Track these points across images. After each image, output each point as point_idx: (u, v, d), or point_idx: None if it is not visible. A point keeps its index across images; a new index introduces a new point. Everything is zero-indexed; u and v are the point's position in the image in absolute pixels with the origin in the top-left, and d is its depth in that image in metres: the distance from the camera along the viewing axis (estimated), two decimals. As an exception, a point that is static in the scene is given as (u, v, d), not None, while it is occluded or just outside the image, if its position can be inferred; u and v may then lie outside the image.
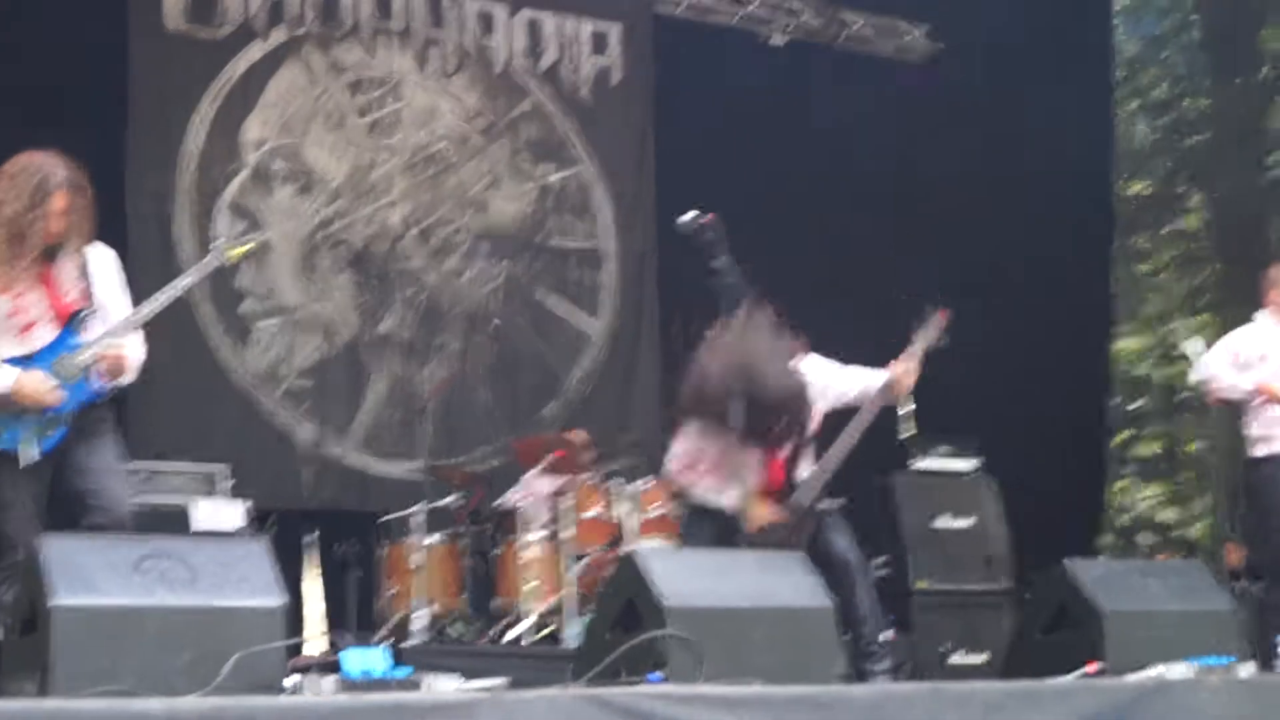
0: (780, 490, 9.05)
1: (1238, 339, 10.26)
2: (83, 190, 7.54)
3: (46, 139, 12.88)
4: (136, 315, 7.53)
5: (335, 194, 15.11)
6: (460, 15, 15.91)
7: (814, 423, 9.20)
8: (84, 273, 7.51)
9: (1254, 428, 9.84)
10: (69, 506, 7.44)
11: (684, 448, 9.17)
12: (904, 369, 9.10)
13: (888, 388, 9.12)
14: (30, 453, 7.16)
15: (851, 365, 9.41)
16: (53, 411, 7.20)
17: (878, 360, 9.58)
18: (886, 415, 9.32)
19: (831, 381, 9.24)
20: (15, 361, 7.23)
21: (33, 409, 7.15)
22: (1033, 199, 17.58)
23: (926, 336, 9.25)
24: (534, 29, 16.35)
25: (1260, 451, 9.80)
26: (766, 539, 8.68)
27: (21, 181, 7.29)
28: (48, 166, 7.44)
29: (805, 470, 9.12)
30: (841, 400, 9.29)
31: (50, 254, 7.40)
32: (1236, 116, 28.82)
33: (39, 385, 7.14)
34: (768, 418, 8.27)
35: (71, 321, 7.41)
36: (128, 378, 7.59)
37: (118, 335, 7.38)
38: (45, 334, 7.33)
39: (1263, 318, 10.14)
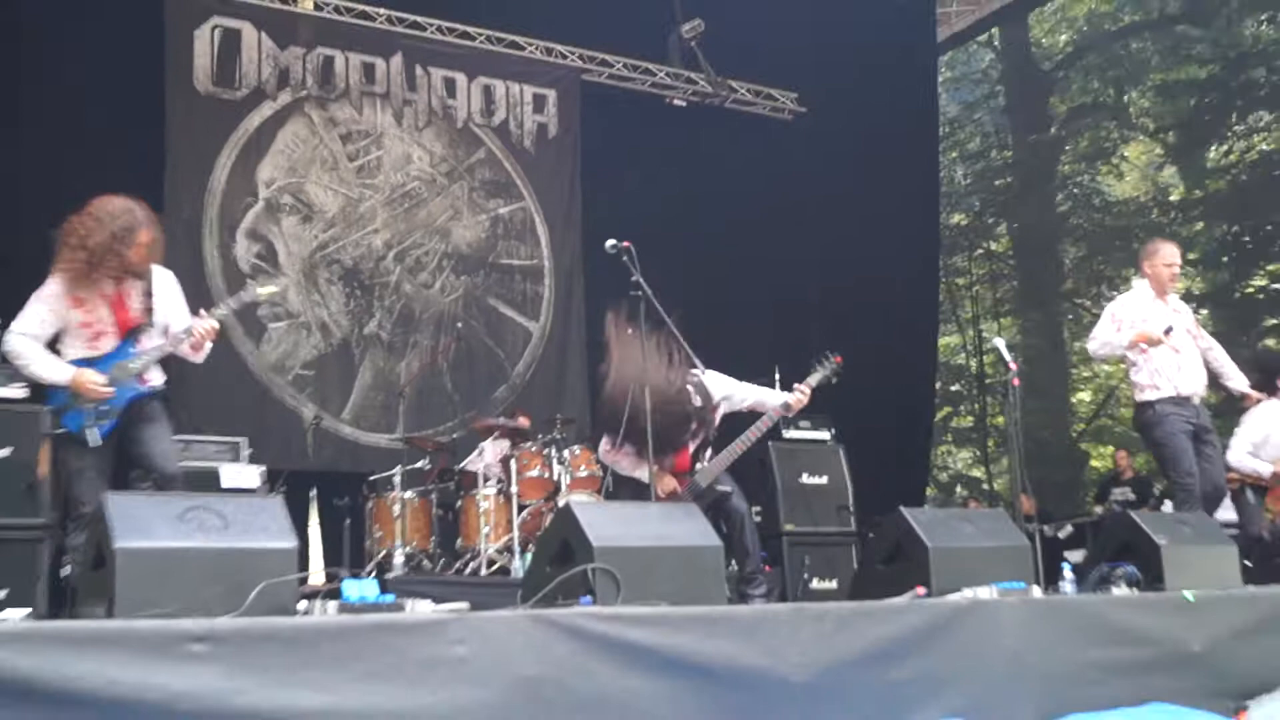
0: (685, 471, 9.16)
1: (1117, 307, 10.06)
2: (157, 228, 7.59)
3: (103, 176, 12.87)
4: (189, 327, 7.62)
5: (330, 223, 15.11)
6: (430, 81, 15.98)
7: (714, 421, 9.31)
8: (149, 293, 7.59)
9: (1141, 376, 9.77)
10: (135, 469, 7.72)
11: (608, 439, 9.28)
12: (800, 396, 9.21)
13: (785, 406, 9.25)
14: (94, 435, 7.29)
15: (746, 382, 9.52)
16: (107, 405, 7.30)
17: (755, 365, 9.67)
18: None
19: (731, 392, 9.38)
20: (81, 363, 7.35)
21: (88, 401, 7.19)
22: (877, 226, 17.64)
23: (822, 374, 9.35)
24: (488, 92, 16.38)
25: (1147, 396, 9.72)
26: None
27: (107, 220, 7.34)
28: (132, 208, 7.52)
29: (709, 458, 9.23)
30: (737, 407, 9.42)
31: (123, 277, 7.43)
32: (1033, 165, 29.05)
33: (93, 381, 7.22)
34: (644, 425, 8.31)
35: (131, 334, 7.48)
36: (200, 357, 7.84)
37: (177, 344, 7.61)
38: (108, 343, 7.45)
39: (1140, 285, 10.01)
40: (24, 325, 7.38)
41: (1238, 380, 10.37)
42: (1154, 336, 9.53)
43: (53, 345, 7.50)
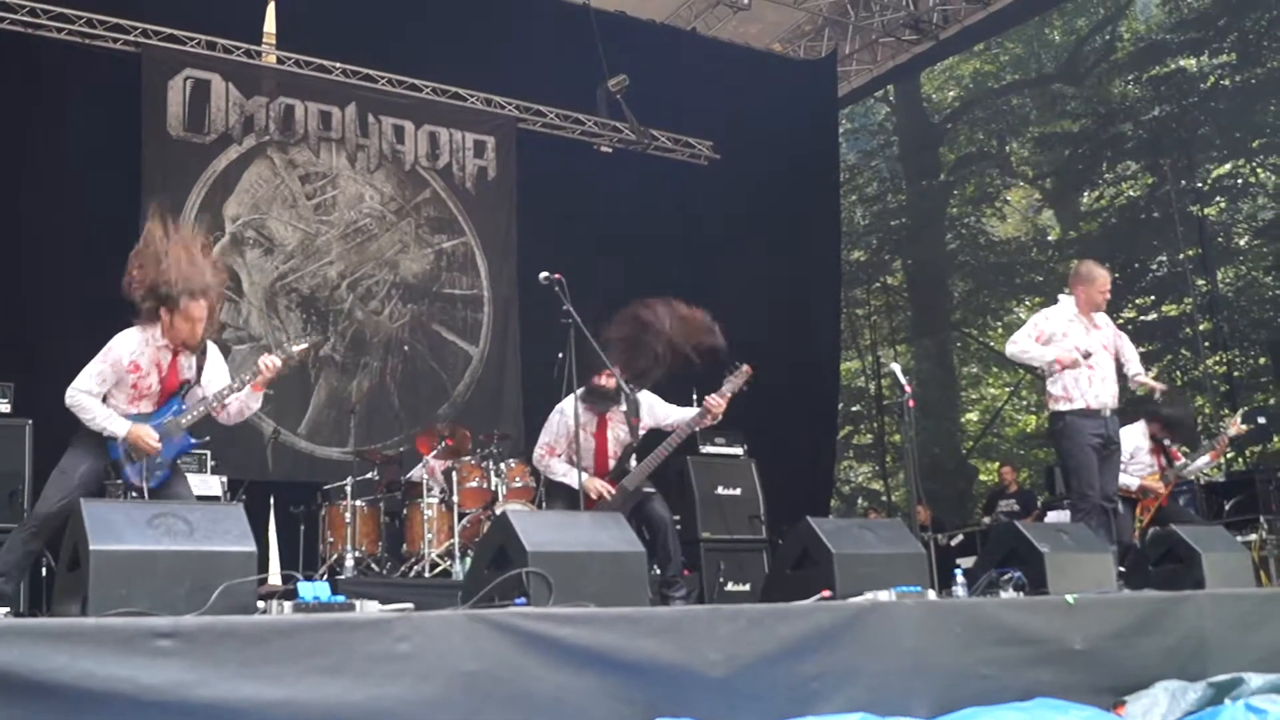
0: (608, 474, 9.17)
1: (1041, 319, 9.99)
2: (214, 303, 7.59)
3: (81, 213, 12.84)
4: (229, 386, 7.65)
5: (290, 255, 15.05)
6: (380, 128, 15.97)
7: (641, 431, 9.33)
8: (201, 360, 7.65)
9: (1055, 387, 9.72)
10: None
11: (544, 443, 9.29)
12: (716, 405, 9.21)
13: (703, 414, 9.25)
14: (147, 487, 7.41)
15: (669, 403, 9.54)
16: (160, 457, 7.43)
17: (677, 381, 9.68)
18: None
19: (655, 408, 9.40)
20: (135, 418, 7.42)
21: (142, 453, 7.26)
22: (785, 261, 17.76)
23: (734, 384, 9.34)
24: (433, 138, 16.36)
25: (1060, 407, 9.66)
26: (600, 507, 8.77)
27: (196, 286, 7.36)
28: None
29: (633, 465, 9.24)
30: (660, 424, 9.43)
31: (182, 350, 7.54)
32: (925, 208, 29.29)
33: (145, 435, 7.28)
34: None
35: (179, 392, 7.57)
36: (256, 404, 7.91)
37: (221, 399, 7.62)
38: (147, 405, 7.53)
39: (1066, 302, 9.95)
40: (86, 384, 7.38)
41: (1137, 371, 10.34)
42: (1073, 362, 9.55)
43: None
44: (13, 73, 13.63)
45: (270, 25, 15.58)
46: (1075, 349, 9.71)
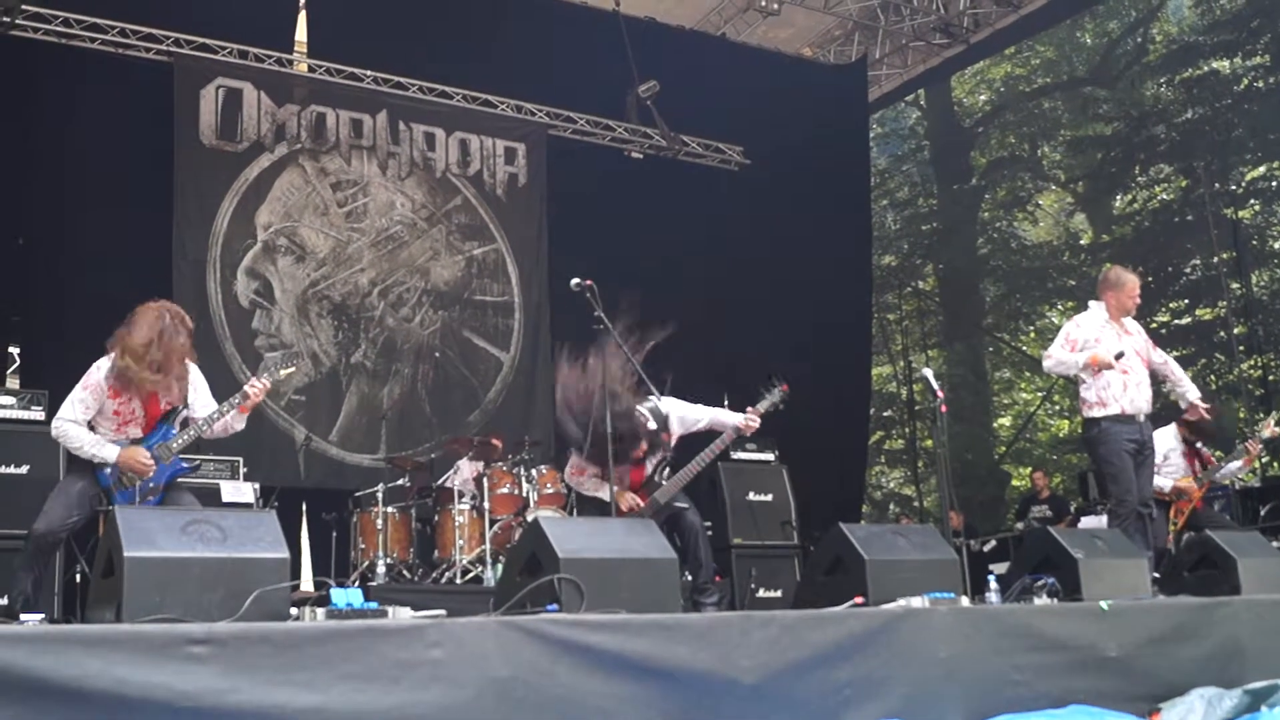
0: (642, 486, 9.14)
1: (1072, 327, 9.91)
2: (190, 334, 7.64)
3: (114, 223, 12.91)
4: (218, 410, 7.65)
5: (322, 262, 15.08)
6: (411, 136, 16.00)
7: (671, 444, 9.31)
8: (182, 385, 7.62)
9: (1089, 394, 9.66)
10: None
11: (574, 460, 9.27)
12: (750, 423, 9.21)
13: (737, 430, 9.26)
14: None
15: (700, 404, 9.51)
16: (152, 482, 7.40)
17: (707, 388, 9.68)
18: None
19: (685, 414, 9.34)
20: (122, 443, 7.43)
21: (132, 478, 7.25)
22: (816, 267, 17.70)
23: (770, 401, 9.33)
24: (464, 146, 16.38)
25: (1094, 413, 9.57)
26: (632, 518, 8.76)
27: (152, 335, 7.38)
28: (173, 320, 7.54)
29: (667, 476, 9.21)
30: (692, 429, 9.40)
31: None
32: (955, 212, 29.24)
33: (137, 457, 7.29)
34: (604, 443, 8.32)
35: (168, 416, 7.57)
36: (239, 425, 7.88)
37: (210, 424, 7.63)
38: (134, 430, 7.51)
39: (1097, 308, 9.89)
40: (70, 413, 7.40)
41: (1190, 391, 10.28)
42: (1106, 361, 9.49)
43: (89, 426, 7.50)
44: (46, 83, 13.72)
45: (301, 34, 15.66)
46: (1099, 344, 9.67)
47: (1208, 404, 10.40)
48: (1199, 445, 11.25)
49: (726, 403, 9.91)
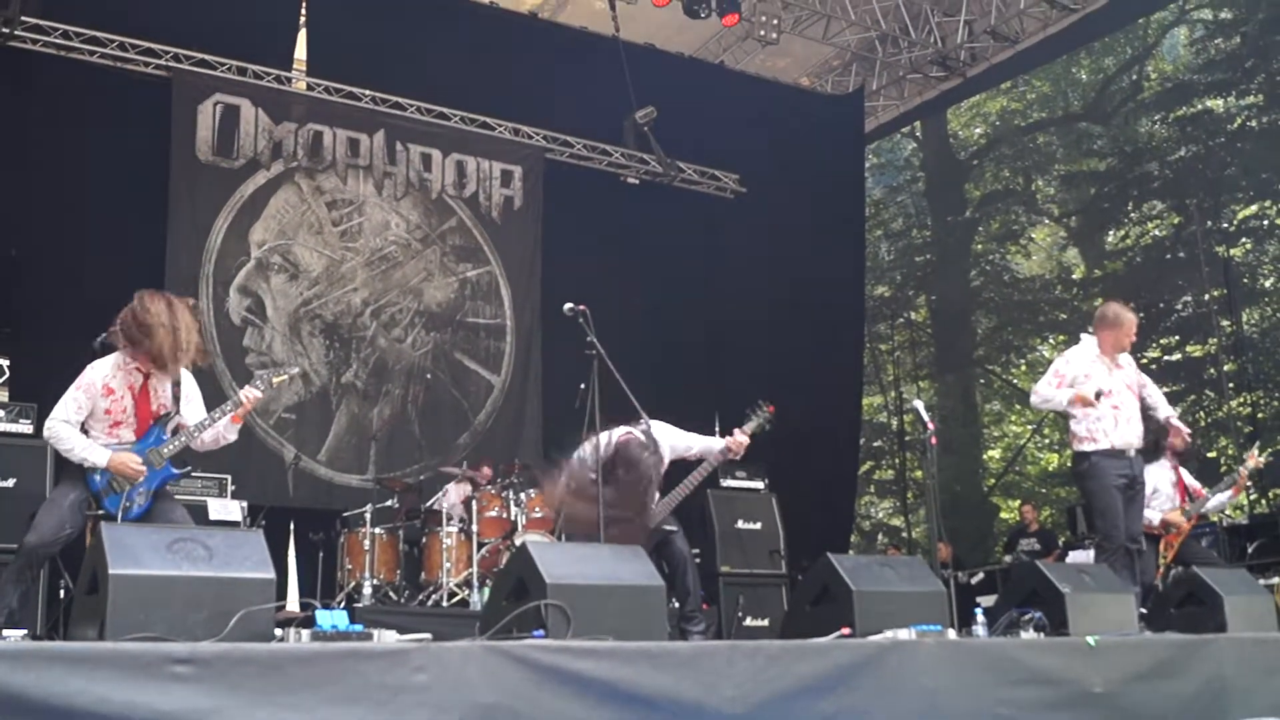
0: None
1: (1062, 363, 9.83)
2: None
3: (109, 236, 12.90)
4: (210, 417, 7.59)
5: (315, 281, 15.08)
6: (408, 156, 16.01)
7: (662, 468, 9.29)
8: (177, 386, 7.56)
9: (1080, 428, 9.62)
10: None
11: (555, 484, 9.26)
12: (738, 442, 9.20)
13: (725, 451, 9.24)
14: (124, 518, 7.25)
15: (690, 431, 9.49)
16: (141, 487, 7.31)
17: (699, 414, 9.67)
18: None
19: (675, 442, 9.32)
20: (116, 447, 7.32)
21: (123, 482, 7.19)
22: (809, 296, 17.72)
23: (756, 422, 9.33)
24: (460, 167, 16.39)
25: (1085, 447, 9.52)
26: (621, 543, 8.74)
27: (167, 319, 7.28)
28: (185, 312, 7.44)
29: (656, 500, 9.19)
30: (681, 455, 9.38)
31: (154, 373, 7.44)
32: (949, 243, 29.33)
33: (128, 461, 7.23)
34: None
35: (160, 421, 7.48)
36: (232, 435, 7.81)
37: (201, 430, 7.54)
38: (126, 433, 7.41)
39: (1088, 342, 9.81)
40: (64, 413, 7.29)
41: (1163, 408, 10.23)
42: (1089, 399, 9.45)
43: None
44: (44, 95, 13.72)
45: (301, 52, 15.67)
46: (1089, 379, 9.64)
47: (1179, 424, 10.36)
48: (1184, 476, 11.24)
49: (718, 428, 9.89)
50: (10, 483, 9.62)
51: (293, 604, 10.99)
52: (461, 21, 15.96)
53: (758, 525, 12.44)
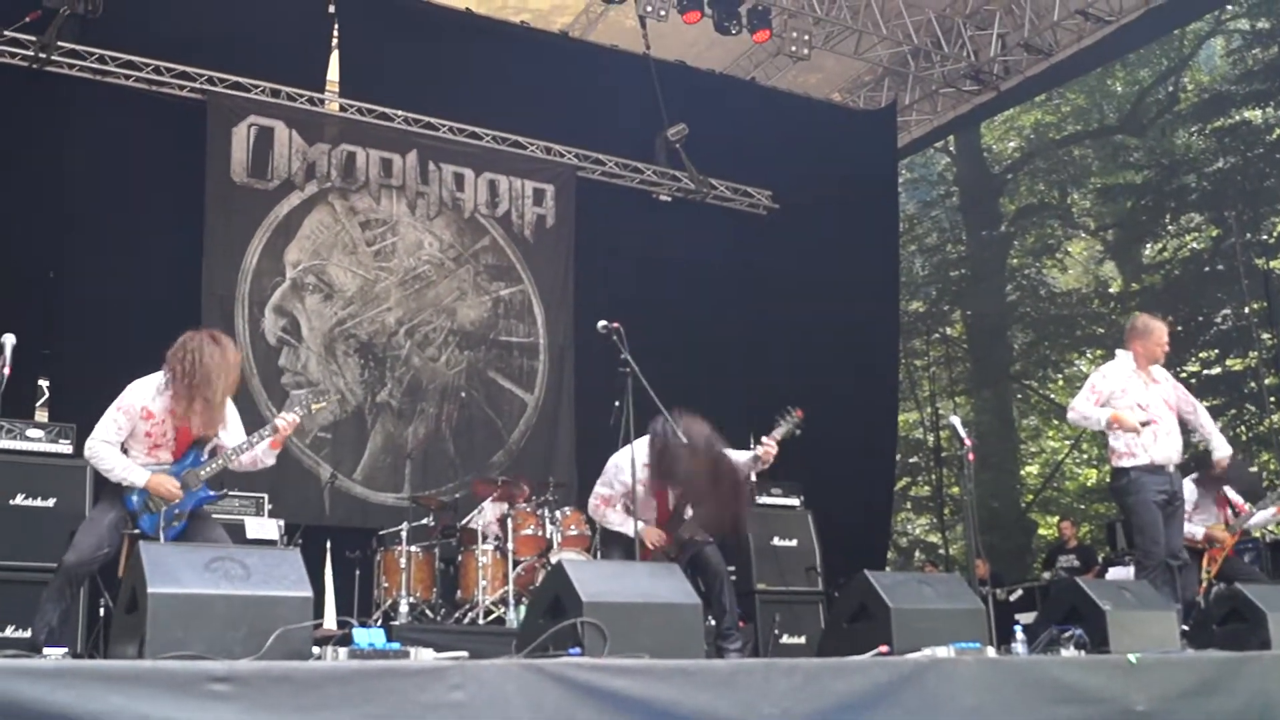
0: (667, 523, 9.15)
1: (1099, 378, 9.82)
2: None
3: (145, 259, 13.00)
4: (248, 440, 7.62)
5: (349, 301, 15.11)
6: (441, 176, 16.00)
7: None
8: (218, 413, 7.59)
9: (1118, 443, 9.56)
10: None
11: (599, 494, 9.28)
12: (768, 449, 9.20)
13: (756, 459, 9.25)
14: (165, 536, 7.32)
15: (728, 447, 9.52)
16: (178, 508, 7.36)
17: (733, 431, 9.67)
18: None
19: None
20: (154, 469, 7.39)
21: (159, 502, 7.24)
22: (842, 311, 17.69)
23: (785, 427, 9.32)
24: (493, 186, 16.40)
25: (1124, 463, 9.48)
26: (656, 556, 8.77)
27: (209, 361, 7.36)
28: (227, 352, 7.54)
29: (689, 513, 9.22)
30: None
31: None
32: (984, 258, 29.23)
33: (165, 483, 7.28)
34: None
35: (198, 444, 7.54)
36: (270, 460, 7.85)
37: (239, 454, 7.57)
38: (164, 455, 7.48)
39: (1124, 357, 9.83)
40: (104, 433, 7.37)
41: (1219, 447, 10.19)
42: (1132, 425, 9.42)
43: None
44: (81, 119, 13.80)
45: (334, 73, 15.73)
46: (1137, 405, 9.60)
47: (1227, 464, 10.26)
48: (1227, 491, 11.16)
49: (752, 444, 9.89)
50: (50, 502, 9.68)
51: (330, 622, 11.02)
52: (492, 41, 15.99)
53: (794, 542, 12.45)
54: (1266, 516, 11.45)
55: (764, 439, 9.31)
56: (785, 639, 11.72)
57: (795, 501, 13.03)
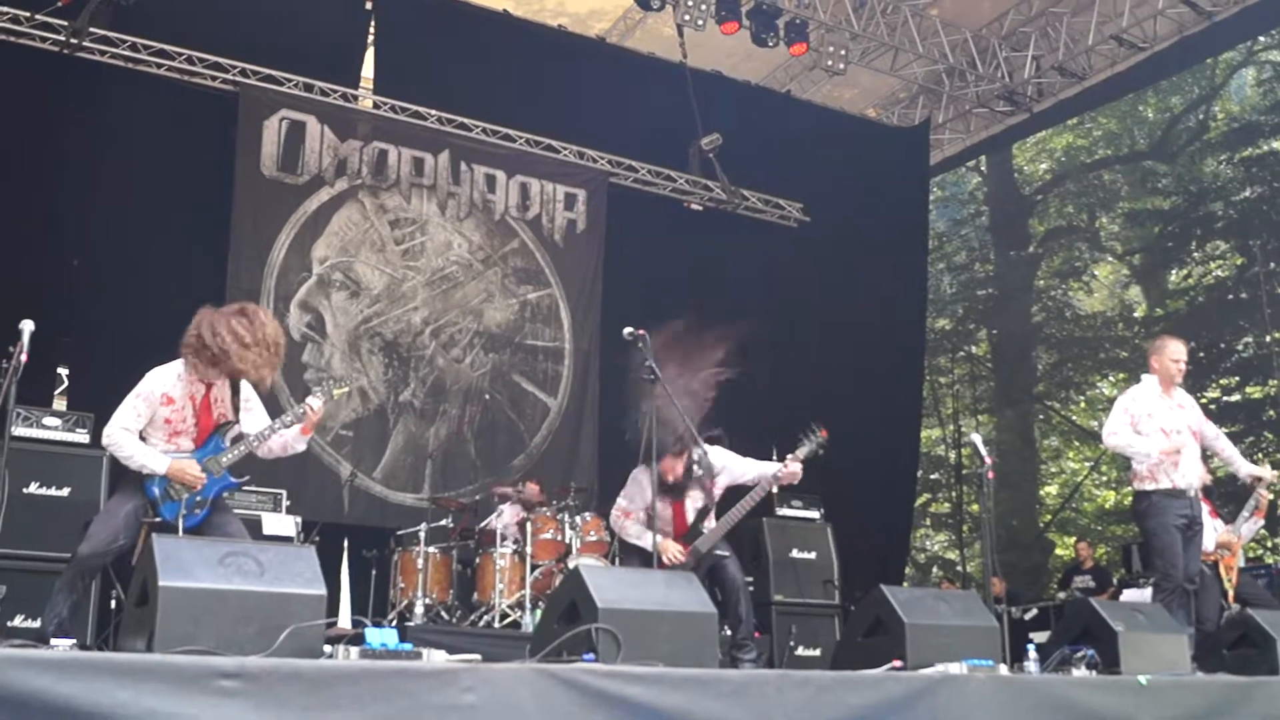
0: (685, 535, 9.12)
1: (1129, 402, 9.81)
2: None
3: (170, 248, 12.96)
4: (270, 426, 7.57)
5: (375, 299, 15.07)
6: (472, 177, 15.96)
7: (717, 492, 9.29)
8: (235, 399, 7.55)
9: (1142, 468, 9.54)
10: None
11: (620, 505, 9.26)
12: (791, 473, 9.19)
13: (778, 478, 9.22)
14: (185, 524, 7.25)
15: (747, 457, 9.48)
16: (200, 495, 7.29)
17: (759, 444, 9.62)
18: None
19: (732, 467, 9.37)
20: (175, 456, 7.32)
21: (182, 489, 7.18)
22: (870, 327, 17.68)
23: (809, 447, 9.30)
24: (524, 189, 16.36)
25: (1145, 486, 9.50)
26: (674, 569, 8.72)
27: (244, 334, 7.23)
28: (270, 325, 7.43)
29: (709, 525, 9.19)
30: (737, 481, 9.41)
31: (216, 383, 7.47)
32: (1012, 278, 29.20)
33: (187, 469, 7.22)
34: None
35: (220, 430, 7.48)
36: (301, 445, 7.83)
37: (262, 440, 7.54)
38: (185, 442, 7.41)
39: (1149, 381, 9.83)
40: (123, 420, 7.28)
41: (1243, 466, 10.17)
42: (1174, 449, 9.42)
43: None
44: (111, 106, 13.77)
45: (368, 70, 15.71)
46: (1161, 430, 9.57)
47: (1264, 479, 10.24)
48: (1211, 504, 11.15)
49: (775, 457, 9.83)
50: (65, 491, 9.63)
51: (344, 621, 10.97)
52: (529, 44, 15.98)
53: (812, 555, 12.44)
54: (1248, 523, 11.40)
55: (788, 458, 9.29)
56: (801, 651, 11.69)
57: (815, 514, 13.02)
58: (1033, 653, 7.58)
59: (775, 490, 9.91)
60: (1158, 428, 9.56)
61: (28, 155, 13.14)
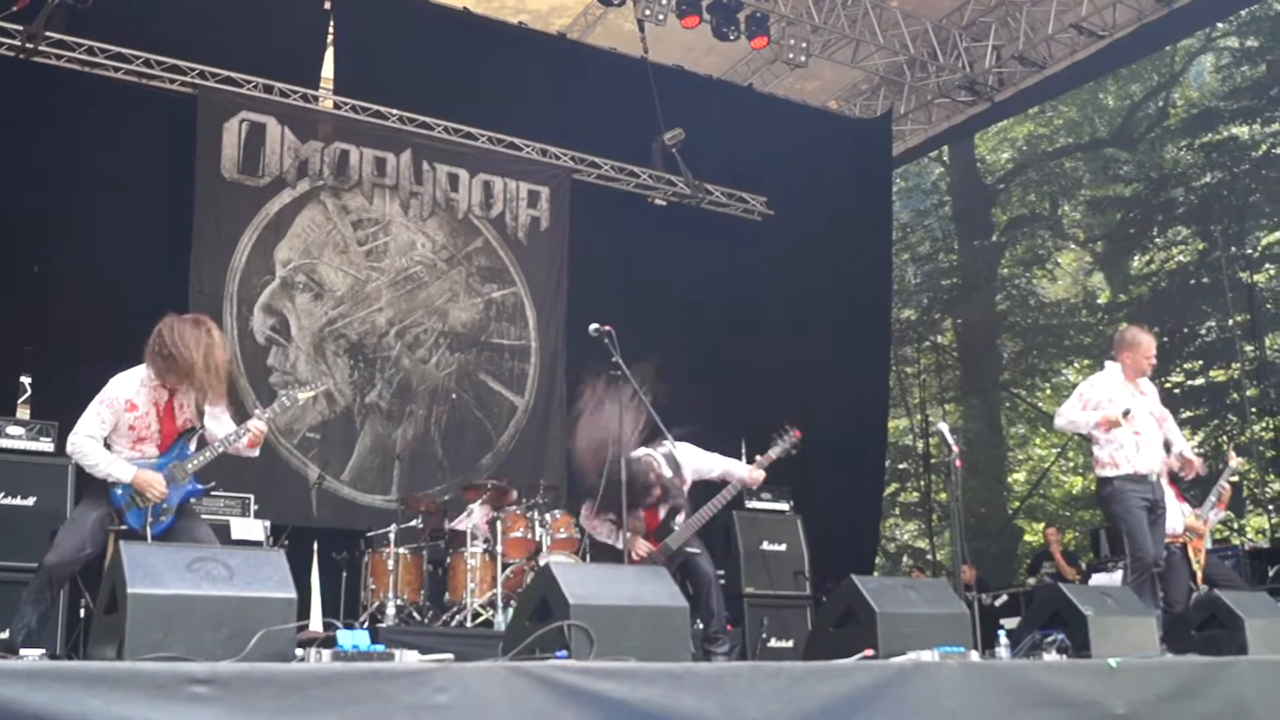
0: (655, 532, 9.12)
1: (1086, 387, 9.96)
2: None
3: (132, 254, 12.88)
4: (224, 440, 7.52)
5: (339, 301, 15.03)
6: (435, 176, 15.93)
7: (685, 488, 9.30)
8: (199, 404, 7.50)
9: (1102, 453, 9.64)
10: None
11: (589, 506, 9.25)
12: (754, 478, 9.25)
13: (744, 482, 9.27)
14: (151, 532, 7.23)
15: (714, 453, 9.50)
16: (165, 503, 7.28)
17: (725, 436, 9.63)
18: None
19: (699, 464, 9.40)
20: (139, 463, 7.29)
21: (147, 499, 7.15)
22: (836, 319, 17.72)
23: (782, 447, 9.34)
24: (487, 187, 16.33)
25: (1106, 472, 9.55)
26: (645, 564, 8.72)
27: (194, 345, 7.24)
28: (214, 335, 7.44)
29: (680, 522, 9.19)
30: (705, 477, 9.45)
31: (178, 389, 7.43)
32: (976, 267, 29.35)
33: (154, 483, 7.18)
34: (617, 491, 8.36)
35: (185, 436, 7.46)
36: (253, 454, 7.75)
37: (226, 446, 7.52)
38: (149, 448, 7.38)
39: (1113, 369, 9.90)
40: (88, 428, 7.25)
41: (1182, 447, 10.22)
42: (1114, 419, 9.46)
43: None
44: (68, 111, 13.69)
45: (328, 70, 15.65)
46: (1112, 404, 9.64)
47: (1193, 458, 10.29)
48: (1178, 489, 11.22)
49: (744, 449, 9.86)
50: (30, 501, 9.58)
51: (315, 624, 10.93)
52: (490, 41, 15.95)
53: (783, 547, 12.45)
54: (1213, 510, 11.49)
55: (758, 459, 9.37)
56: (773, 643, 11.71)
57: (785, 506, 13.03)
58: (1003, 638, 7.62)
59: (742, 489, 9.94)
60: (1122, 408, 9.62)
61: (-15, 162, 13.08)
